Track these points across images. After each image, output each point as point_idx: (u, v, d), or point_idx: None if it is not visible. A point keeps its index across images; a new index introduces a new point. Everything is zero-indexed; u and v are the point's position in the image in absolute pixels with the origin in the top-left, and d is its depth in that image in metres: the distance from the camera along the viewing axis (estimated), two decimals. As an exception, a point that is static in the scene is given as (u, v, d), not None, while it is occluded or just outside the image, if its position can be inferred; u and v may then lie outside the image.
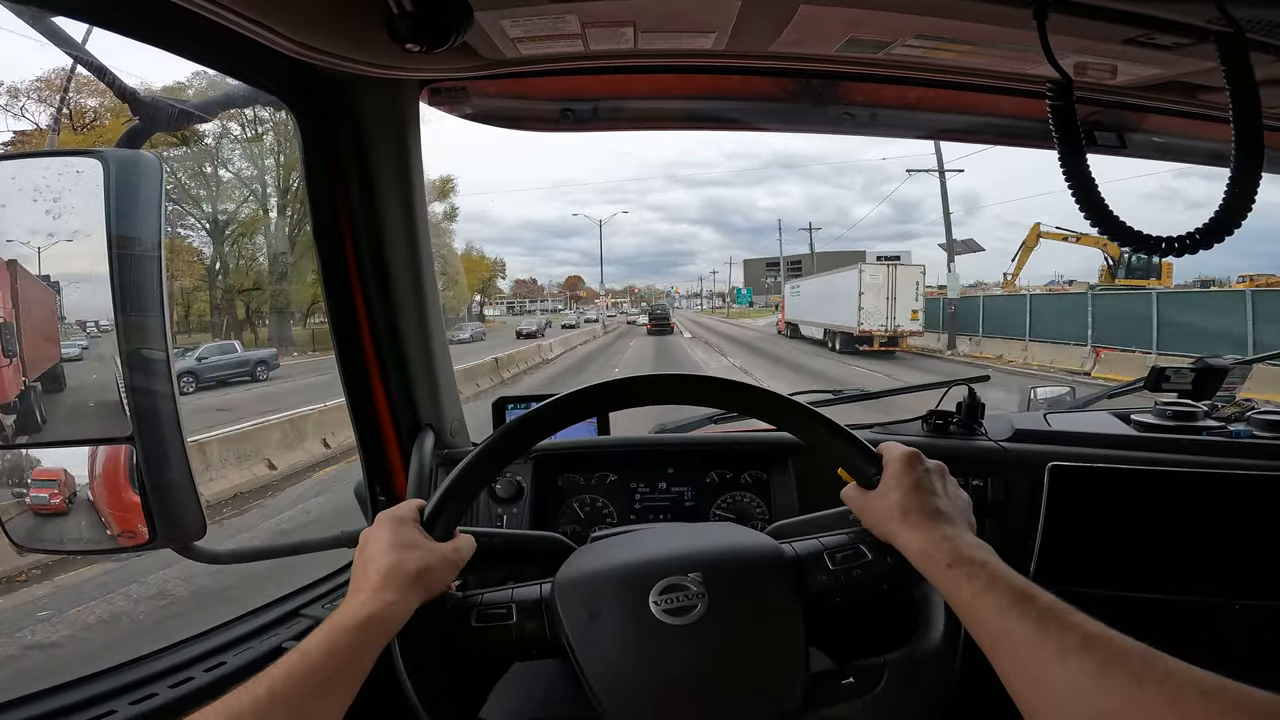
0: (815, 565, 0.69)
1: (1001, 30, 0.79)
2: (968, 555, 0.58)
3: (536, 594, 0.70)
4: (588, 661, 0.65)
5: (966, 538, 0.61)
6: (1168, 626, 1.07)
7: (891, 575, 0.67)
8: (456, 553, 0.68)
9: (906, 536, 0.63)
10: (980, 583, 0.55)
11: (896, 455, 0.69)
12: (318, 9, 0.75)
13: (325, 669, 0.54)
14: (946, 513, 0.64)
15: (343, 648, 0.56)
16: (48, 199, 0.79)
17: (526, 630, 0.68)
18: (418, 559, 0.64)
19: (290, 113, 0.91)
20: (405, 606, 0.62)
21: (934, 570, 0.60)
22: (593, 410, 0.76)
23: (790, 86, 1.09)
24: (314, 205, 0.96)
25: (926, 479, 0.67)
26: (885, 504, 0.66)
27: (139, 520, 0.81)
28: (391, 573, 0.62)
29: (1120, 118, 1.10)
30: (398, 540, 0.65)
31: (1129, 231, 0.72)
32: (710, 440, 1.32)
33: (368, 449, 1.11)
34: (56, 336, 0.87)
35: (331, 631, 0.57)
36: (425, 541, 0.66)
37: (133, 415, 0.78)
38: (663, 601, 0.65)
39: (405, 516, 0.68)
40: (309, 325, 23.90)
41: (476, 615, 0.68)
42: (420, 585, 0.63)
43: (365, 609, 0.59)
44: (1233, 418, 1.22)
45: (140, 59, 1.04)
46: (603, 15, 0.81)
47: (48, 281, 0.83)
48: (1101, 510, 1.06)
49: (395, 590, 0.61)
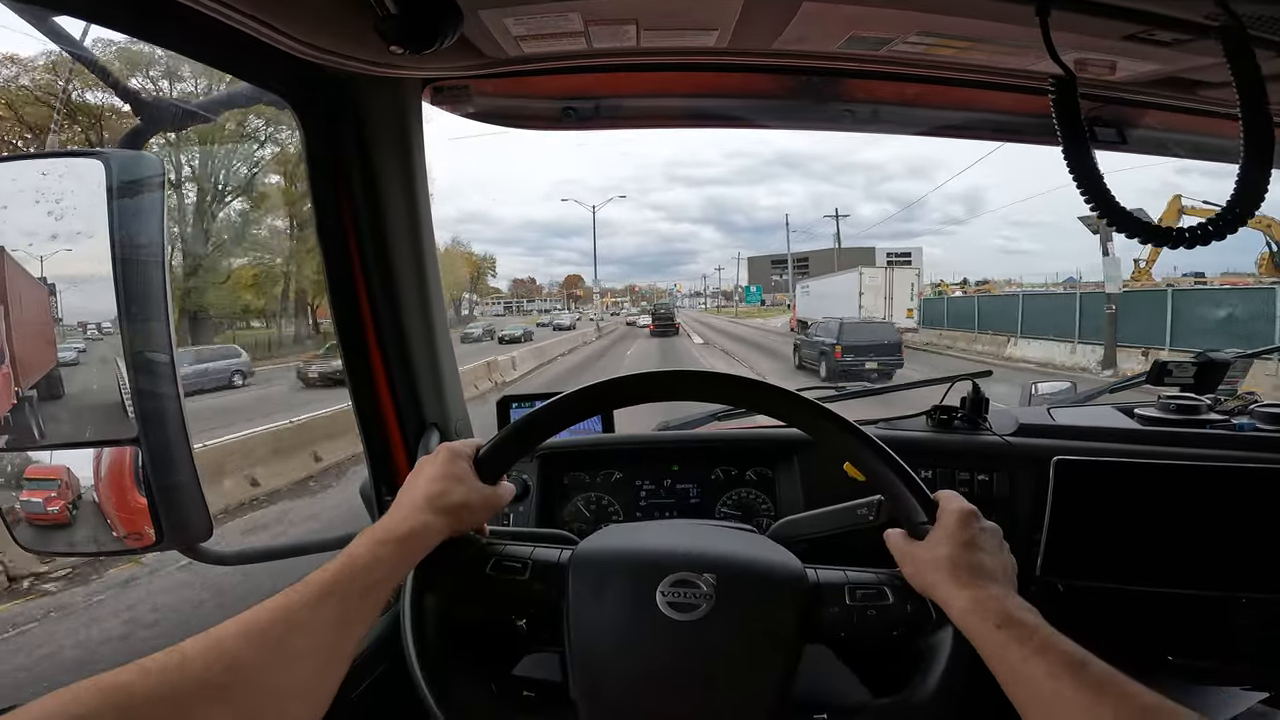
0: (834, 596, 0.68)
1: (1003, 26, 0.80)
2: (1019, 618, 0.58)
3: (554, 558, 0.71)
4: (576, 630, 0.66)
5: (1016, 599, 0.61)
6: (1173, 620, 1.07)
7: (907, 623, 0.67)
8: (497, 496, 0.72)
9: (951, 593, 0.62)
10: (1032, 646, 0.55)
11: (954, 510, 0.67)
12: (320, 8, 0.75)
13: (368, 576, 0.58)
14: (996, 573, 0.64)
15: (385, 558, 0.60)
16: (49, 200, 0.79)
17: (534, 590, 0.69)
18: (463, 492, 0.68)
19: (293, 112, 0.91)
20: (441, 530, 0.66)
21: (979, 629, 0.59)
22: (655, 395, 0.76)
23: (792, 84, 1.09)
24: (317, 204, 0.96)
25: (981, 537, 0.66)
26: (933, 556, 0.65)
27: (145, 522, 0.81)
28: (436, 498, 0.66)
29: (1120, 113, 1.11)
30: (450, 471, 0.69)
31: (1139, 224, 0.72)
32: (715, 437, 1.32)
33: (373, 448, 1.11)
34: (53, 337, 0.87)
35: (374, 544, 0.60)
36: (472, 478, 0.70)
37: (138, 417, 0.78)
38: (670, 594, 0.66)
39: (462, 451, 0.72)
40: (234, 330, 23.13)
41: (493, 565, 0.70)
42: (456, 518, 0.67)
43: (407, 523, 0.63)
44: (1236, 411, 1.22)
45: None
46: (605, 13, 0.81)
47: (49, 286, 0.83)
48: (1107, 504, 1.07)
49: (435, 514, 0.65)
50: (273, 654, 0.49)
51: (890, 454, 0.70)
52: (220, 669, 0.46)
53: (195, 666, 0.45)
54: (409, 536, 0.63)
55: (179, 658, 0.45)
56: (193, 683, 0.44)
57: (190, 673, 0.44)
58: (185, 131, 19.45)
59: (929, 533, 0.67)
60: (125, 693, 0.41)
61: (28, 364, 0.86)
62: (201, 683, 0.44)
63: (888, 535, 0.71)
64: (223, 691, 0.45)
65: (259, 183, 23.11)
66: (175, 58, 12.40)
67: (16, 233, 0.81)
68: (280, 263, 22.42)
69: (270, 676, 0.48)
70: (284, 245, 22.94)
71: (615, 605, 0.67)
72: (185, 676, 0.44)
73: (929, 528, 0.68)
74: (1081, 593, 1.05)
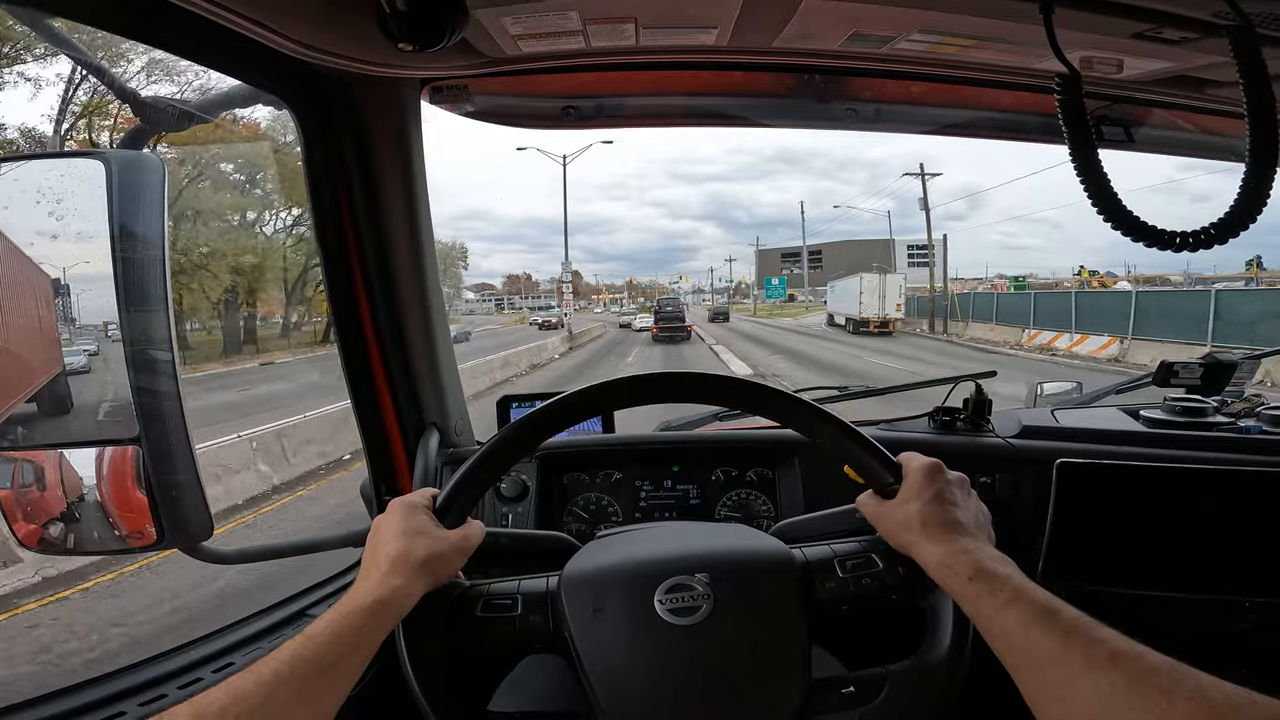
0: (825, 572, 0.68)
1: (1007, 25, 0.79)
2: (990, 569, 0.58)
3: (543, 587, 0.70)
4: (589, 657, 0.65)
5: (988, 550, 0.61)
6: (1178, 624, 1.06)
7: (902, 585, 0.67)
8: (466, 540, 0.69)
9: (925, 548, 0.62)
10: (1003, 597, 0.55)
11: (917, 465, 0.68)
12: (317, 9, 0.74)
13: (329, 653, 0.55)
14: (967, 525, 0.64)
15: (348, 631, 0.57)
16: (51, 201, 0.79)
17: (530, 623, 0.68)
18: (427, 545, 0.65)
19: (292, 112, 0.90)
20: (412, 592, 0.63)
21: (954, 583, 0.59)
22: (603, 408, 0.76)
23: (793, 82, 1.08)
24: (315, 204, 0.96)
25: (948, 490, 0.66)
26: (904, 514, 0.65)
27: (146, 521, 0.81)
28: (401, 559, 0.63)
29: (1127, 112, 1.09)
30: (408, 526, 0.66)
31: (1143, 226, 0.71)
32: (715, 438, 1.32)
33: (373, 448, 1.11)
34: (55, 332, 0.88)
35: (338, 616, 0.58)
36: (435, 529, 0.67)
37: (139, 416, 0.78)
38: (668, 600, 0.66)
39: (417, 504, 0.69)
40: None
41: (482, 605, 0.68)
42: (428, 572, 0.64)
43: (373, 594, 0.60)
44: (1242, 413, 1.21)
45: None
46: (604, 12, 0.80)
47: (64, 287, 0.83)
48: (1110, 507, 1.06)
49: (403, 576, 0.62)
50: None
51: (845, 424, 0.70)
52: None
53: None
54: (375, 606, 0.59)
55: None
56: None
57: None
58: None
59: (897, 492, 0.68)
60: None
61: (30, 364, 0.87)
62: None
63: (860, 501, 0.72)
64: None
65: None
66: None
67: (19, 232, 0.82)
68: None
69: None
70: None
71: (618, 622, 0.66)
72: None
73: (897, 488, 0.68)
74: (1083, 596, 1.04)
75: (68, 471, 0.87)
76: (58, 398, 0.88)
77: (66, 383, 0.87)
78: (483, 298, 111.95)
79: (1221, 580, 1.02)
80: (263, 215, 22.19)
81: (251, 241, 21.55)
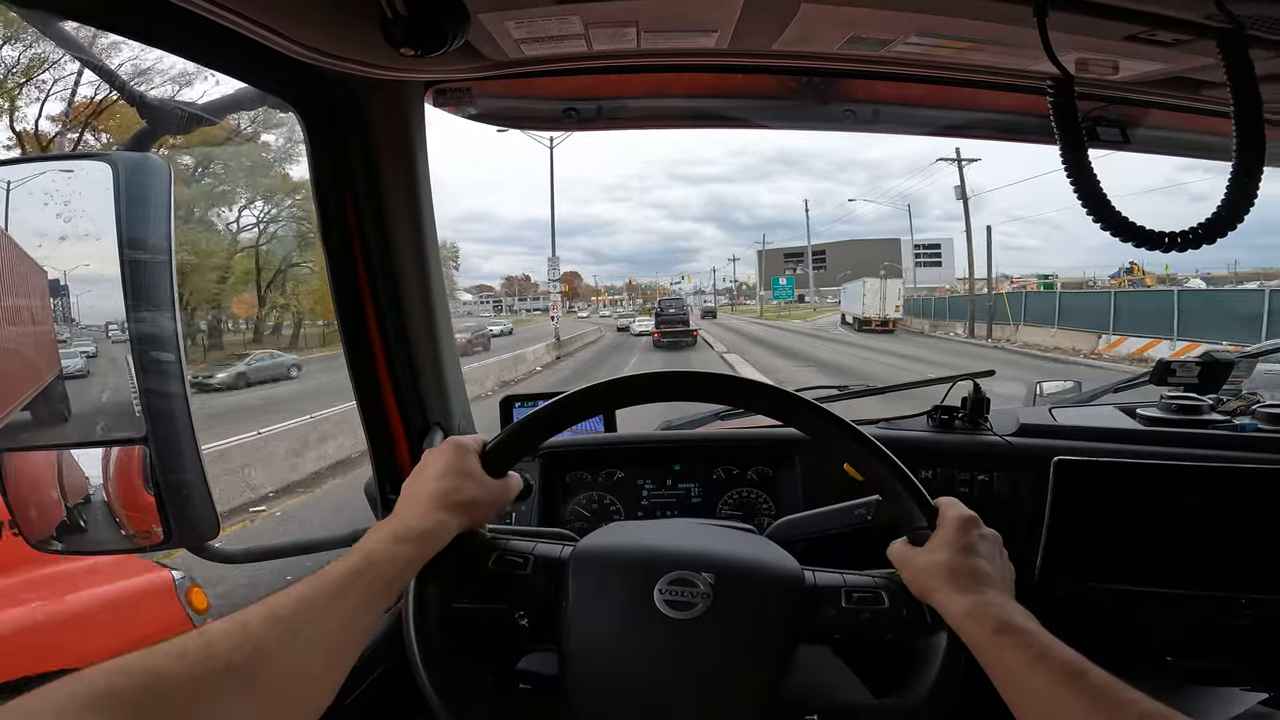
0: (830, 600, 0.68)
1: (1002, 27, 0.80)
2: (1018, 624, 0.58)
3: (556, 553, 0.72)
4: (576, 628, 0.67)
5: (1014, 605, 0.61)
6: (1174, 621, 1.08)
7: (901, 626, 0.67)
8: (506, 491, 0.73)
9: (951, 598, 0.62)
10: (1031, 653, 0.55)
11: (954, 515, 0.68)
12: (322, 12, 0.75)
13: (388, 571, 0.59)
14: (994, 579, 0.64)
15: (402, 558, 0.61)
16: (58, 202, 0.80)
17: (536, 585, 0.70)
18: (473, 489, 0.69)
19: (297, 115, 0.91)
20: (451, 529, 0.66)
21: (979, 635, 0.59)
22: (661, 397, 0.77)
23: (793, 84, 1.09)
24: (321, 206, 0.97)
25: (981, 544, 0.66)
26: (932, 562, 0.65)
27: (154, 520, 0.82)
28: (447, 495, 0.67)
29: (1123, 113, 1.10)
30: (460, 466, 0.69)
31: (1131, 227, 0.72)
32: (716, 437, 1.33)
33: (377, 448, 1.12)
34: (53, 337, 0.88)
35: (393, 540, 0.61)
36: (481, 474, 0.70)
37: (146, 416, 0.79)
38: (668, 592, 0.67)
39: (470, 447, 0.72)
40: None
41: (495, 559, 0.71)
42: (467, 514, 0.68)
43: (421, 524, 0.64)
44: (1238, 411, 1.22)
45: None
46: (605, 16, 0.81)
47: (63, 287, 0.84)
48: (1107, 504, 1.07)
49: (447, 512, 0.66)
50: (294, 641, 0.50)
51: (893, 459, 0.70)
52: (245, 654, 0.47)
53: (221, 650, 0.46)
54: (426, 535, 0.63)
55: (205, 642, 0.46)
56: (219, 666, 0.45)
57: (216, 656, 0.45)
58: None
59: (928, 538, 0.68)
60: (153, 675, 0.42)
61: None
62: (227, 666, 0.45)
63: (891, 550, 0.71)
64: (246, 675, 0.46)
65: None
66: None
67: (26, 234, 0.83)
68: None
69: (290, 662, 0.49)
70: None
71: (613, 601, 0.68)
72: (212, 660, 0.45)
73: (928, 533, 0.68)
74: (1081, 593, 1.06)
75: (75, 471, 0.88)
76: (54, 404, 0.89)
77: (64, 387, 0.88)
78: (481, 299, 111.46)
79: (1218, 576, 1.03)
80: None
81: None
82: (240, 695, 0.45)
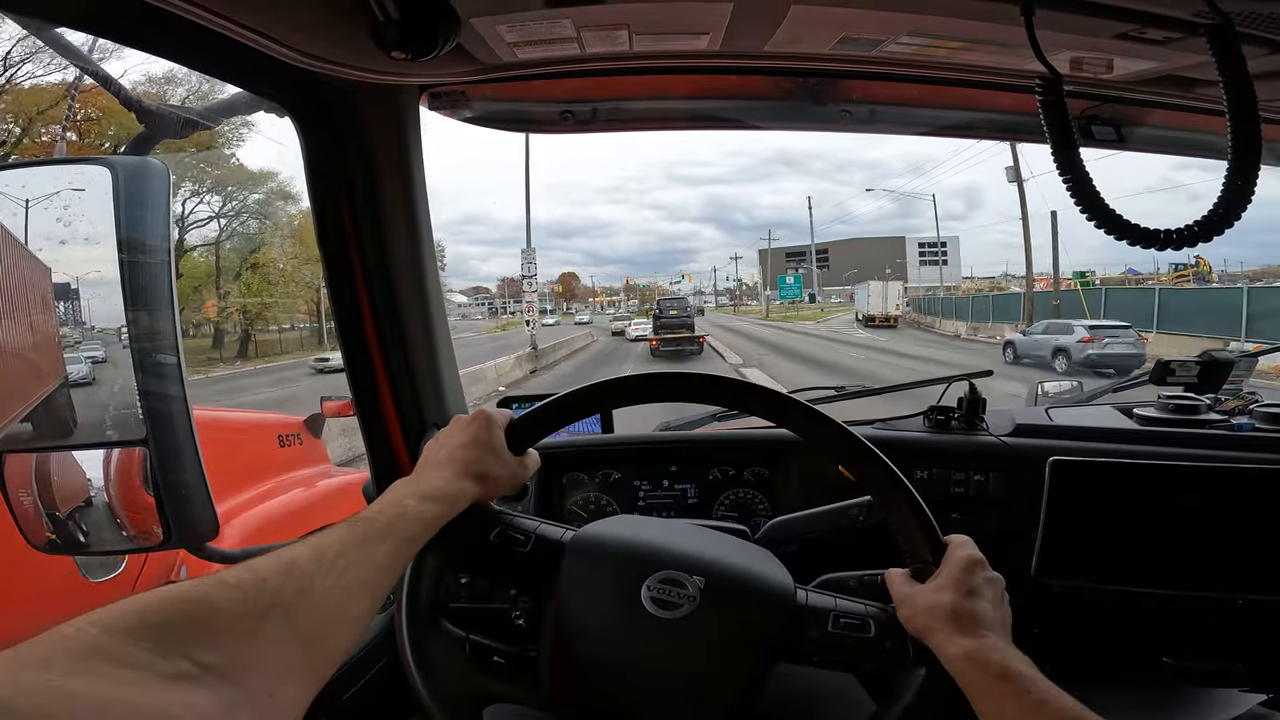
0: (816, 622, 0.68)
1: (992, 27, 0.80)
2: (1019, 670, 0.58)
3: (557, 536, 0.73)
4: (561, 610, 0.68)
5: (1014, 651, 0.61)
6: (1170, 621, 1.07)
7: (879, 659, 0.67)
8: (523, 469, 0.76)
9: (950, 640, 0.62)
10: (1029, 700, 0.56)
11: (961, 556, 0.67)
12: (315, 17, 0.76)
13: (416, 525, 0.61)
14: (995, 624, 0.64)
15: (431, 516, 0.63)
16: (58, 206, 0.81)
17: (533, 564, 0.71)
18: (495, 463, 0.71)
19: (292, 118, 0.92)
20: (470, 497, 0.68)
21: (978, 679, 0.59)
22: (682, 397, 0.80)
23: (787, 85, 1.10)
24: (317, 211, 0.98)
25: (985, 588, 0.66)
26: (934, 602, 0.65)
27: (154, 521, 0.83)
28: (473, 464, 0.69)
29: (1117, 112, 1.10)
30: (484, 439, 0.72)
31: (1125, 225, 0.72)
32: (713, 438, 1.33)
33: (375, 450, 1.13)
34: (57, 341, 0.89)
35: (422, 498, 0.64)
36: (504, 450, 0.73)
37: (146, 418, 0.80)
38: (656, 590, 0.67)
39: (499, 421, 0.74)
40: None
41: (498, 533, 0.72)
42: (485, 485, 0.70)
43: (448, 487, 0.66)
44: (1235, 411, 1.21)
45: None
46: (596, 19, 0.82)
47: (74, 290, 0.85)
48: (1103, 504, 1.06)
49: (470, 480, 0.68)
50: (337, 581, 0.51)
51: (911, 491, 0.69)
52: (292, 590, 0.47)
53: (272, 585, 0.46)
54: (450, 499, 0.65)
55: (256, 575, 0.46)
56: (268, 600, 0.45)
57: (267, 591, 0.46)
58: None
59: (932, 575, 0.67)
60: (206, 604, 0.42)
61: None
62: (275, 601, 0.46)
63: (888, 576, 0.71)
64: (290, 610, 0.46)
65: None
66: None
67: (28, 236, 0.84)
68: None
69: (331, 601, 0.50)
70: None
71: (601, 591, 0.69)
72: (263, 594, 0.45)
73: (933, 569, 0.68)
74: (1077, 594, 1.05)
75: (76, 473, 0.89)
76: (58, 415, 0.89)
77: (69, 394, 0.89)
78: (477, 301, 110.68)
79: (1215, 577, 1.02)
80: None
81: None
82: (283, 629, 0.45)
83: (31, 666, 0.33)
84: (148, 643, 0.37)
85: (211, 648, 0.40)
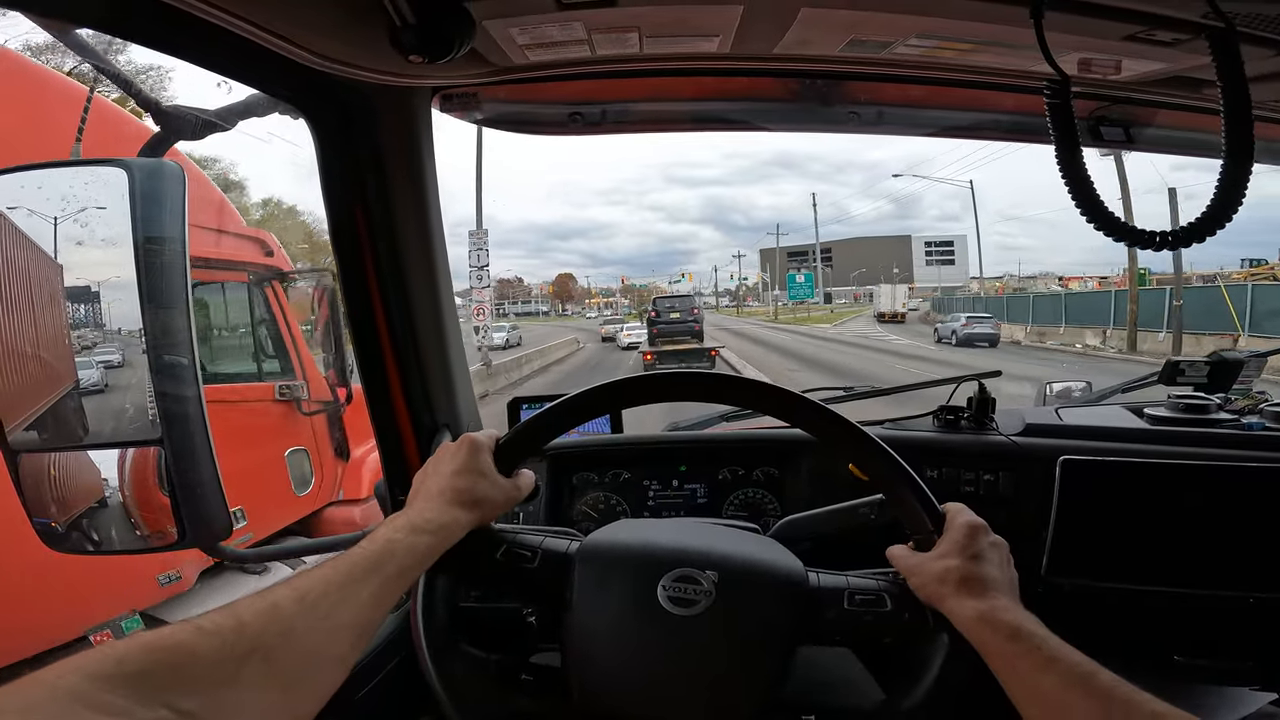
0: (832, 601, 0.69)
1: (1001, 29, 0.80)
2: (1030, 629, 0.59)
3: (563, 548, 0.73)
4: (579, 622, 0.68)
5: (1024, 612, 0.62)
6: (1180, 620, 1.07)
7: (900, 631, 0.67)
8: (517, 490, 0.74)
9: (961, 604, 0.63)
10: (1041, 657, 0.56)
11: (962, 522, 0.68)
12: (335, 21, 0.77)
13: (406, 560, 0.60)
14: (1002, 585, 0.64)
15: (421, 548, 0.62)
16: (74, 208, 0.82)
17: (542, 579, 0.71)
18: (486, 486, 0.70)
19: (308, 120, 0.93)
20: (465, 524, 0.67)
21: (991, 640, 0.60)
22: (669, 396, 0.78)
23: (796, 87, 1.10)
24: (331, 211, 0.99)
25: (989, 551, 0.67)
26: (940, 568, 0.65)
27: (168, 521, 0.84)
28: (463, 492, 0.68)
29: (1127, 113, 1.10)
30: (475, 465, 0.71)
31: (1122, 226, 0.73)
32: (722, 438, 1.33)
33: (387, 450, 1.14)
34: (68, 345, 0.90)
35: (411, 531, 0.63)
36: (494, 473, 0.72)
37: (160, 418, 0.81)
38: (672, 589, 0.68)
39: (484, 444, 0.73)
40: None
41: (503, 551, 0.72)
42: (479, 510, 0.69)
43: (438, 519, 0.65)
44: (1246, 410, 1.21)
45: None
46: (608, 22, 0.82)
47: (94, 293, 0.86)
48: (1113, 504, 1.06)
49: (462, 509, 0.67)
50: (320, 622, 0.51)
51: (901, 463, 0.70)
52: (273, 633, 0.47)
53: (252, 630, 0.46)
54: (443, 528, 0.65)
55: (235, 620, 0.46)
56: (247, 645, 0.45)
57: (246, 635, 0.45)
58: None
59: (935, 544, 0.68)
60: (184, 652, 0.42)
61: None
62: (254, 646, 0.45)
63: (891, 553, 0.72)
64: (270, 654, 0.46)
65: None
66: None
67: (44, 239, 0.84)
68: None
69: (313, 642, 0.50)
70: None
71: (617, 597, 0.69)
72: (242, 639, 0.45)
73: (935, 538, 0.68)
74: (1088, 593, 1.05)
75: (91, 472, 0.90)
76: (71, 417, 0.90)
77: (80, 401, 0.89)
78: (470, 303, 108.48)
79: (1225, 576, 1.02)
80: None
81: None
82: (263, 672, 0.45)
83: (13, 713, 0.33)
84: (126, 690, 0.37)
85: (190, 695, 0.40)
